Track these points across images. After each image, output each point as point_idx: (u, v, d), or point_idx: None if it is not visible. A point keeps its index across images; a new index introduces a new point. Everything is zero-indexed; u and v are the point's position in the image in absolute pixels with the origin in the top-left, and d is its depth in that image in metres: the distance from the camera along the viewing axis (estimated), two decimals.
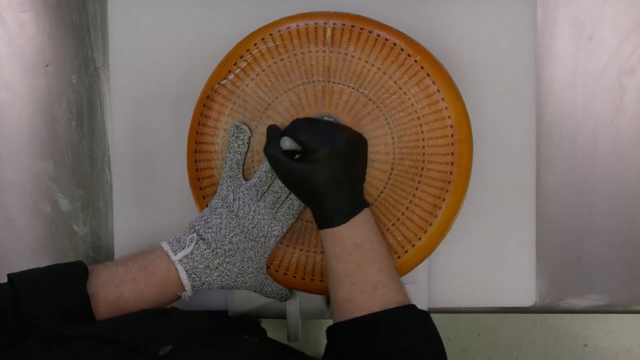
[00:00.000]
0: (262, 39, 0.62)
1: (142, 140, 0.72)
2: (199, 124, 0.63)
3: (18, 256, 0.76)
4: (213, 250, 0.58)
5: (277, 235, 0.60)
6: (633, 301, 0.74)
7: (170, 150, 0.71)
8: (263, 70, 0.63)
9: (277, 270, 0.63)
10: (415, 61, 0.61)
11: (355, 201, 0.57)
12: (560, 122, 0.74)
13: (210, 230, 0.58)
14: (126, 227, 0.72)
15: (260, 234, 0.59)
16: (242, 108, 0.63)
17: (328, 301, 0.71)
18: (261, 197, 0.60)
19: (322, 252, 0.62)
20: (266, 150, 0.59)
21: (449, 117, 0.61)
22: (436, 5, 0.70)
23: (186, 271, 0.58)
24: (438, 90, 0.61)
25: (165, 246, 0.59)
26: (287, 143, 0.58)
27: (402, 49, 0.61)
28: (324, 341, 0.58)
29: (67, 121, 0.75)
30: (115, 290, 0.56)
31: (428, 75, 0.61)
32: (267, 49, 0.62)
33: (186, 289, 0.58)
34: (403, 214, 0.61)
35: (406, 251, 0.61)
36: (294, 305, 0.69)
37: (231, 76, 0.63)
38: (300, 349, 0.60)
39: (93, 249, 0.76)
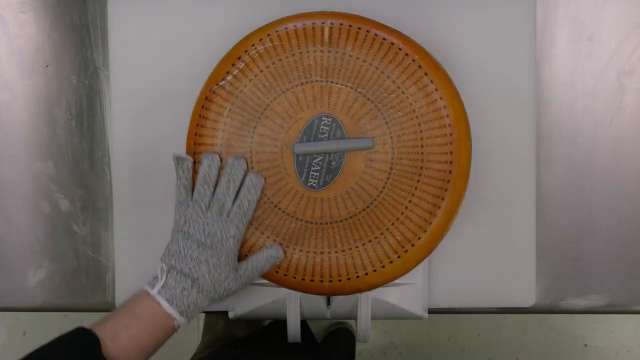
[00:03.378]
0: (260, 40, 0.62)
1: (142, 141, 0.72)
2: (197, 125, 0.63)
3: (18, 256, 0.76)
4: (181, 271, 0.60)
5: (235, 235, 0.62)
6: (633, 301, 0.74)
7: (170, 151, 0.71)
8: (261, 71, 0.63)
9: (276, 271, 0.63)
10: (413, 60, 0.61)
11: None
12: (560, 122, 0.74)
13: (173, 256, 0.61)
14: (126, 227, 0.72)
15: (216, 240, 0.61)
16: (241, 109, 0.63)
17: (328, 301, 0.71)
18: (207, 208, 0.62)
19: (321, 253, 0.62)
20: None
21: (447, 115, 0.61)
22: (435, 4, 0.70)
23: (167, 300, 0.59)
24: (436, 89, 0.61)
25: (145, 286, 0.60)
26: None
27: (399, 48, 0.61)
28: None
29: (66, 121, 0.75)
30: (113, 344, 0.56)
31: (426, 74, 0.61)
32: (265, 50, 0.62)
33: (175, 316, 0.59)
34: (402, 213, 0.61)
35: (406, 251, 0.61)
36: (294, 305, 0.69)
37: (229, 77, 0.63)
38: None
39: (93, 249, 0.76)
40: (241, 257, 0.63)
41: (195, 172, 0.63)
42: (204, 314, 1.29)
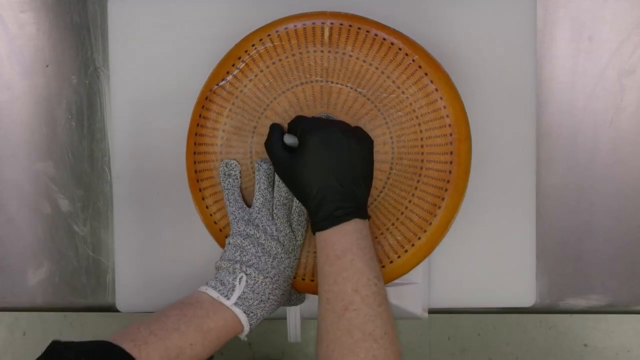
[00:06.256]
0: (260, 40, 0.62)
1: (142, 141, 0.72)
2: (197, 125, 0.63)
3: (18, 256, 0.76)
4: (262, 282, 0.56)
5: (300, 243, 0.61)
6: (633, 301, 0.74)
7: (170, 151, 0.71)
8: (261, 71, 0.63)
9: None
10: (413, 60, 0.61)
11: (346, 207, 0.54)
12: (560, 122, 0.74)
13: (251, 264, 0.56)
14: (126, 227, 0.72)
15: (290, 248, 0.59)
16: (241, 109, 0.63)
17: None
18: (273, 213, 0.59)
19: None
20: (266, 144, 0.59)
21: (447, 116, 0.61)
22: (435, 5, 0.70)
23: (245, 312, 0.54)
24: (436, 89, 0.61)
25: (213, 293, 0.55)
26: (289, 140, 0.59)
27: (399, 49, 0.61)
28: None
29: (67, 121, 0.75)
30: None
31: (426, 74, 0.61)
32: (265, 50, 0.62)
33: (245, 329, 0.55)
34: (402, 213, 0.61)
35: (406, 251, 0.61)
36: (294, 305, 0.69)
37: (229, 77, 0.63)
38: (300, 349, 0.59)
39: (93, 249, 0.76)
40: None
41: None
42: None
